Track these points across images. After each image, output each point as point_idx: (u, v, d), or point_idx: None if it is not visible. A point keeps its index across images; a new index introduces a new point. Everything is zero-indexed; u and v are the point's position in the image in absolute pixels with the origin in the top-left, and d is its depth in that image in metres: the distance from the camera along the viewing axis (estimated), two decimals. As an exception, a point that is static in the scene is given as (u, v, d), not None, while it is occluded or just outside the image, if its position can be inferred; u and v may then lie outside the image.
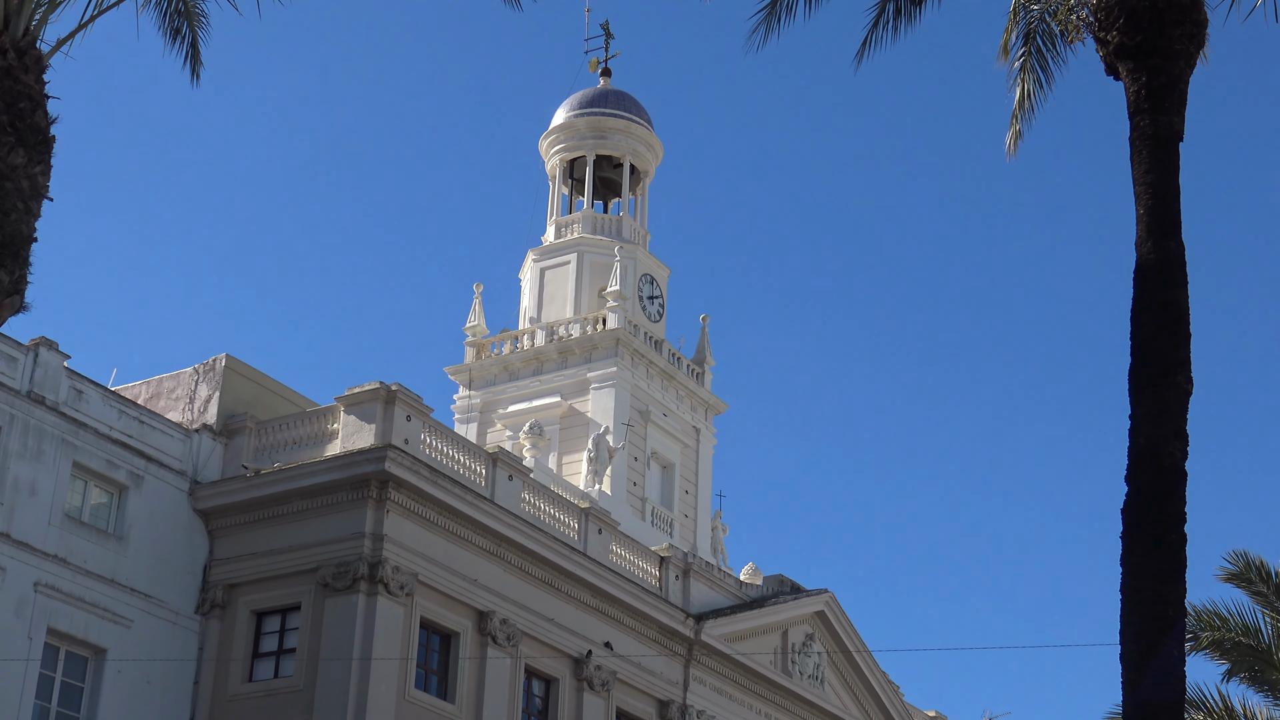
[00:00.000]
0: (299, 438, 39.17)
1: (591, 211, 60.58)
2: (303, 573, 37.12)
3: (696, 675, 45.59)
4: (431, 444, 38.78)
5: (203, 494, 38.41)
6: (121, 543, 36.56)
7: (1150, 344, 21.20)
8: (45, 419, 35.51)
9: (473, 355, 58.10)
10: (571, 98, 62.16)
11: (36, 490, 34.99)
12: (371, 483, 36.95)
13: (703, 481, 58.20)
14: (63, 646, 35.23)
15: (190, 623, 37.58)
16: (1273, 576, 32.03)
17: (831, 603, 50.07)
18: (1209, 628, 31.50)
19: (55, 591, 34.89)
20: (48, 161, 19.27)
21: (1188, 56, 22.59)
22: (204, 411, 39.73)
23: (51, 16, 20.03)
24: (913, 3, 26.21)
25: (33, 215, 19.00)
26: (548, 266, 59.43)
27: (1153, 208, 21.86)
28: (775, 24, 26.00)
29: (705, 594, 46.63)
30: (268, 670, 37.19)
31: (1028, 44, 26.56)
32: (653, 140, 61.63)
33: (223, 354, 40.35)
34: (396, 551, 36.94)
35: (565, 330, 56.90)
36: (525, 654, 40.06)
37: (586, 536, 42.62)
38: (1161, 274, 21.52)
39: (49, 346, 35.96)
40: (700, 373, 59.39)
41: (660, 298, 59.65)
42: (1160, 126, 22.19)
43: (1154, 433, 20.75)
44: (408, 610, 37.06)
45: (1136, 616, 20.13)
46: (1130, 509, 20.64)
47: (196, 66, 24.70)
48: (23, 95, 18.97)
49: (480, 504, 38.98)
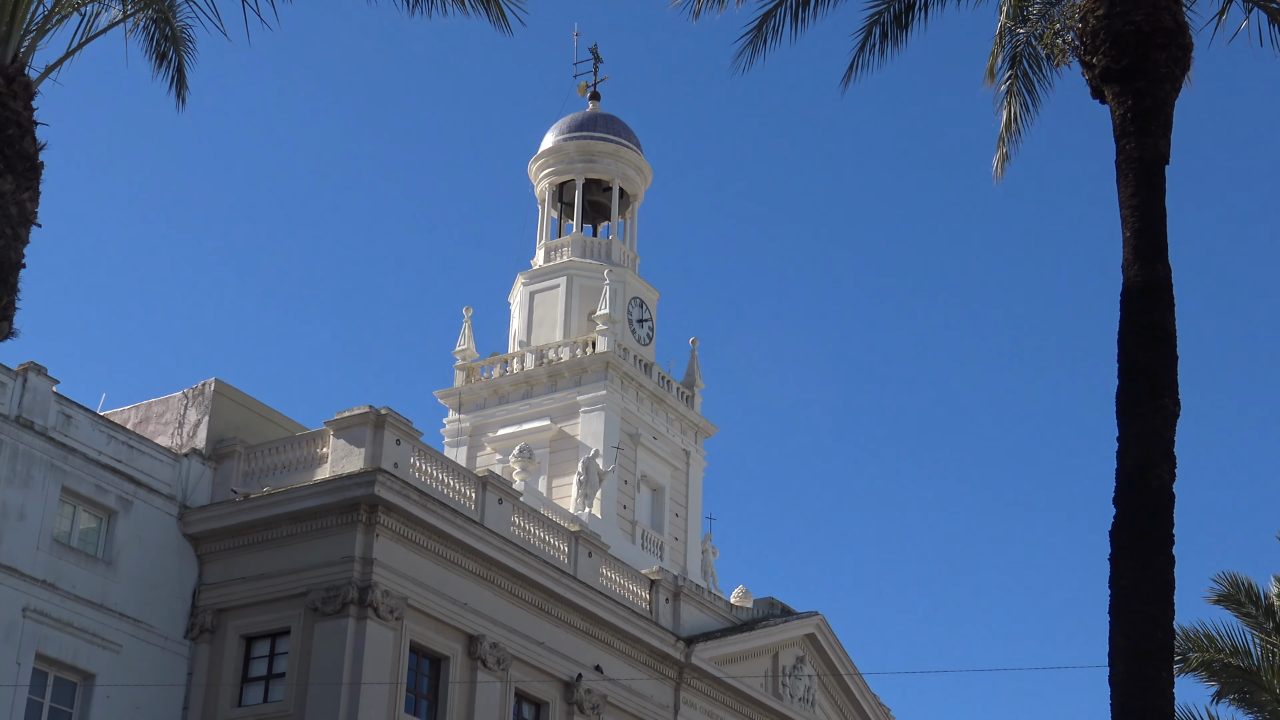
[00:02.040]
0: (288, 462, 39.15)
1: (581, 235, 60.60)
2: (292, 597, 37.06)
3: (687, 698, 45.53)
4: (421, 468, 38.77)
5: (192, 518, 38.36)
6: (110, 567, 36.50)
7: (1138, 366, 21.26)
8: (34, 444, 35.46)
9: (462, 379, 58.07)
10: (560, 121, 62.24)
11: (25, 515, 34.94)
12: (361, 507, 36.93)
13: (693, 504, 58.15)
14: (51, 672, 35.14)
15: (179, 647, 37.50)
16: (1261, 598, 32.09)
17: (822, 625, 50.04)
18: (1198, 649, 31.53)
19: (44, 617, 34.81)
20: (36, 187, 19.31)
21: (1173, 80, 22.70)
22: (193, 436, 39.70)
23: (40, 43, 20.10)
24: (899, 26, 26.36)
25: (21, 241, 19.05)
26: (537, 290, 59.46)
27: (1139, 230, 21.94)
28: (762, 46, 26.16)
29: (696, 617, 46.61)
30: (257, 695, 37.12)
31: (1014, 67, 26.68)
32: (642, 164, 61.72)
33: (212, 378, 40.36)
34: (386, 575, 36.90)
35: (555, 354, 56.89)
36: (515, 678, 40.00)
37: (576, 560, 42.60)
38: (1149, 296, 21.59)
39: (38, 372, 35.94)
40: (690, 395, 59.39)
41: (650, 321, 59.69)
42: (1146, 149, 22.28)
43: (1142, 455, 20.80)
44: (397, 634, 37.02)
45: (1125, 638, 20.16)
46: (1118, 531, 20.68)
47: (182, 91, 24.77)
48: (11, 122, 19.04)
49: (470, 528, 38.95)
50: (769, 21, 26.04)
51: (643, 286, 59.82)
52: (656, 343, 59.73)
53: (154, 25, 24.09)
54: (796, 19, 26.00)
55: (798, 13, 25.99)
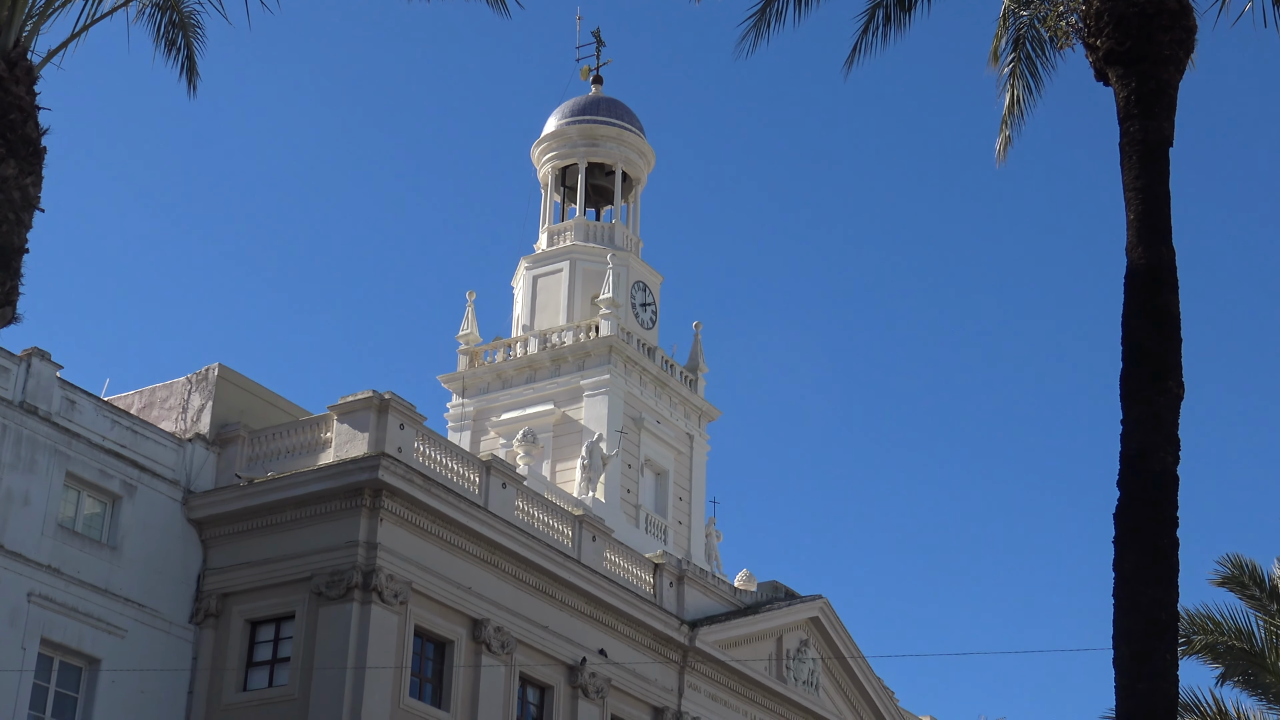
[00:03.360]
0: (292, 446, 39.18)
1: (584, 219, 60.57)
2: (297, 581, 37.10)
3: (691, 682, 45.59)
4: (425, 452, 38.78)
5: (196, 503, 38.39)
6: (115, 553, 36.54)
7: (1141, 349, 21.24)
8: (38, 429, 35.49)
9: (466, 363, 58.08)
10: (563, 105, 62.18)
11: (30, 501, 34.97)
12: (365, 491, 36.96)
13: (696, 488, 58.19)
14: (56, 657, 35.20)
15: (184, 632, 37.56)
16: (1266, 581, 32.04)
17: (826, 609, 50.08)
18: (1202, 632, 31.50)
19: (49, 602, 34.86)
20: (39, 172, 19.31)
21: (1177, 62, 22.65)
22: (197, 421, 39.72)
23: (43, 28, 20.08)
24: (902, 9, 26.28)
25: (24, 226, 19.06)
26: (540, 274, 59.45)
27: (1143, 213, 21.90)
28: (765, 30, 26.09)
29: (700, 600, 46.65)
30: (262, 679, 37.17)
31: (1017, 50, 26.60)
32: (644, 147, 61.66)
33: (216, 363, 40.38)
34: (390, 560, 36.94)
35: (558, 338, 56.90)
36: (520, 661, 40.05)
37: (580, 544, 42.63)
38: (1152, 279, 21.56)
39: (42, 357, 35.94)
40: (693, 379, 59.40)
41: (653, 305, 59.67)
42: (1150, 132, 22.24)
43: (1146, 438, 20.79)
44: (402, 618, 37.07)
45: (1129, 621, 20.16)
46: (1123, 514, 20.67)
47: (193, 78, 24.74)
48: (13, 106, 19.02)
49: (474, 512, 38.98)
50: (772, 5, 25.97)
51: (646, 270, 59.80)
52: (660, 327, 59.73)
53: (159, 11, 24.06)
54: (800, 2, 25.94)
55: (801, -4, 25.92)
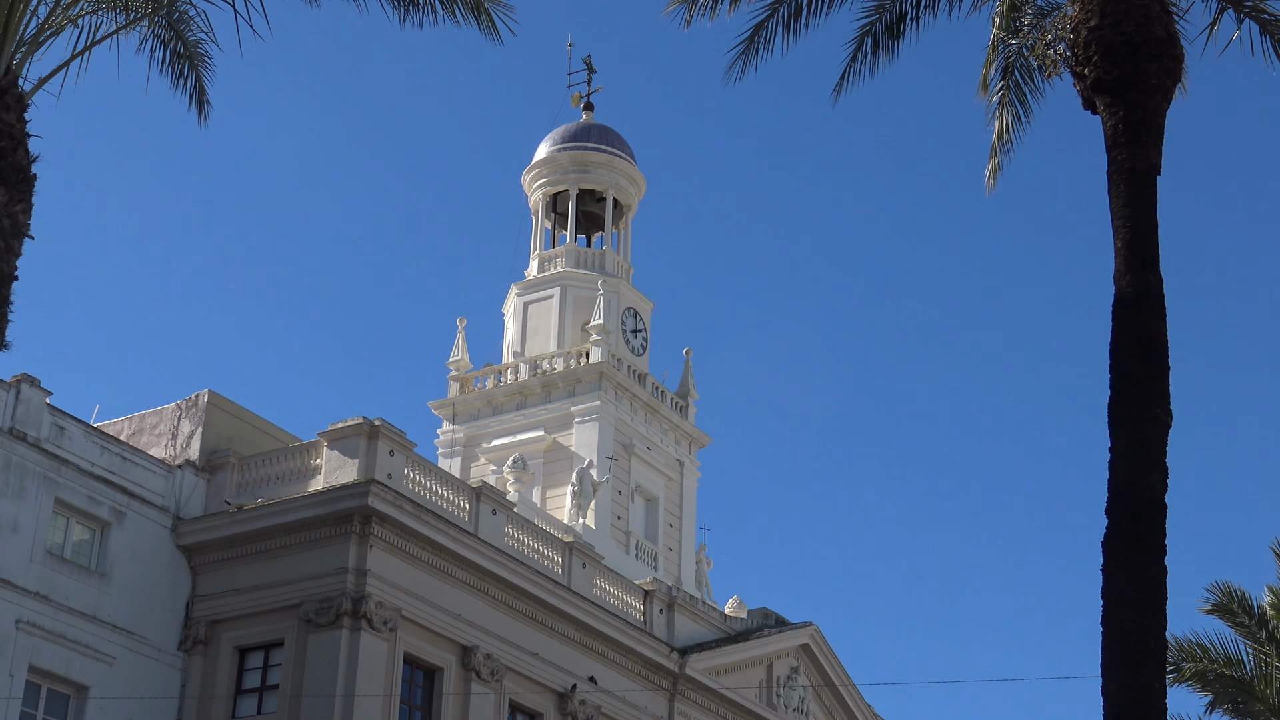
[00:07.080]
0: (282, 473, 39.12)
1: (574, 245, 60.64)
2: (286, 608, 37.01)
3: (681, 709, 45.48)
4: (415, 479, 38.74)
5: (185, 530, 38.31)
6: (104, 579, 36.45)
7: (1129, 377, 21.29)
8: (27, 455, 35.42)
9: (456, 390, 58.05)
10: (554, 132, 62.29)
11: (18, 527, 34.89)
12: (355, 518, 36.89)
13: (687, 515, 58.15)
14: (44, 684, 35.07)
15: (173, 659, 37.44)
16: (1254, 608, 32.09)
17: (816, 635, 50.02)
18: (1191, 659, 31.53)
19: (37, 629, 34.75)
20: (29, 199, 19.33)
21: (1164, 91, 22.76)
22: (186, 447, 39.66)
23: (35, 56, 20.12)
24: (890, 37, 26.41)
25: (13, 253, 19.07)
26: (531, 301, 59.47)
27: (1131, 241, 21.98)
28: (754, 57, 26.24)
29: (690, 627, 46.57)
30: (251, 707, 37.03)
31: (1006, 78, 26.74)
32: (635, 174, 61.76)
33: (205, 389, 40.32)
34: (380, 587, 36.87)
35: (549, 364, 56.90)
36: (509, 689, 39.96)
37: (570, 570, 42.57)
38: (1140, 307, 21.62)
39: (31, 383, 35.89)
40: (684, 406, 59.39)
41: (643, 331, 59.69)
42: (1138, 160, 22.33)
43: (1134, 465, 20.83)
44: (391, 646, 36.97)
45: (1118, 648, 20.17)
46: (1111, 541, 20.70)
47: (203, 108, 24.72)
48: (4, 134, 19.05)
49: (464, 539, 38.92)
50: (761, 32, 26.12)
51: (636, 297, 59.83)
52: (650, 353, 59.74)
53: (161, 43, 24.02)
54: (789, 29, 26.07)
55: (789, 23, 26.06)
